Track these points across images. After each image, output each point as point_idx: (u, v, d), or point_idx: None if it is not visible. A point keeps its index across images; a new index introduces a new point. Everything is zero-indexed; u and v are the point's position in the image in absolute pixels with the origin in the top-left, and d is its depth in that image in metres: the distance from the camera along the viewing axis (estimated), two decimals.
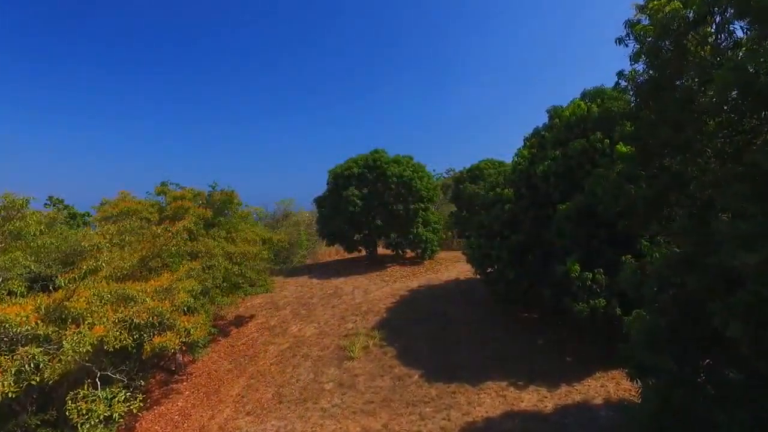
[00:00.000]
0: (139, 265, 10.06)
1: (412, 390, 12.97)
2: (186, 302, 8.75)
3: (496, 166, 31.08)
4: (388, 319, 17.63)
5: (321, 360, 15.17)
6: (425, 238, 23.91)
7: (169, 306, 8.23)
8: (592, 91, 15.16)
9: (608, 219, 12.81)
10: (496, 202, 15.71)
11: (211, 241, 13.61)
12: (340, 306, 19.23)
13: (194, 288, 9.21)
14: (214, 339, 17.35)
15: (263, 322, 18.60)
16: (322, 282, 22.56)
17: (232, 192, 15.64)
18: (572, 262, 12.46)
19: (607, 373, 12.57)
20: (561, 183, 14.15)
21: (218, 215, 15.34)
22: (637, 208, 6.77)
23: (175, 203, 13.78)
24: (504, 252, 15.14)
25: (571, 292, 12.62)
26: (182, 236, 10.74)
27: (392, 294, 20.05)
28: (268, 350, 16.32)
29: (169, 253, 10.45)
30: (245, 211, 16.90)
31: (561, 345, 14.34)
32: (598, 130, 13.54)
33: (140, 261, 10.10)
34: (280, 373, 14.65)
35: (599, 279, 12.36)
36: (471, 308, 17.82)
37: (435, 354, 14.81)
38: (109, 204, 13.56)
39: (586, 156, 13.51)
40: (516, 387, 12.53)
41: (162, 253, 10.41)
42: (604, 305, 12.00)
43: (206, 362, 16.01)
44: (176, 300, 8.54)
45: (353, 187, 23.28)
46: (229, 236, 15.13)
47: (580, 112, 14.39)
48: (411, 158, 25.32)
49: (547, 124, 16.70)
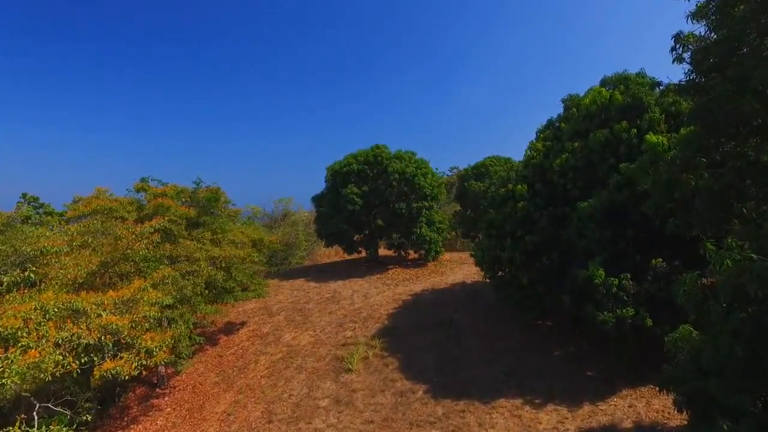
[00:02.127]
0: (101, 272, 8.78)
1: (416, 408, 11.66)
2: (149, 316, 7.44)
3: (502, 163, 29.78)
4: (389, 326, 16.30)
5: (316, 372, 13.86)
6: (429, 238, 22.56)
7: (128, 321, 6.95)
8: (614, 77, 13.81)
9: (637, 218, 11.53)
10: (508, 199, 14.35)
11: (192, 244, 12.31)
12: (338, 312, 17.91)
13: (159, 300, 7.87)
14: (201, 348, 16.08)
15: (255, 330, 17.29)
16: (320, 285, 21.25)
17: (218, 189, 14.33)
18: (595, 267, 11.10)
19: (635, 391, 11.21)
20: (580, 178, 12.81)
21: (203, 214, 14.05)
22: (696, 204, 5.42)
23: (155, 201, 12.50)
24: (516, 254, 13.78)
25: (594, 300, 11.27)
26: (152, 238, 9.42)
27: (394, 299, 18.73)
28: (259, 361, 15.01)
29: (137, 257, 9.13)
30: (234, 209, 15.59)
31: (581, 358, 12.98)
32: (623, 119, 12.18)
33: (102, 267, 8.81)
34: (271, 388, 13.35)
35: (626, 285, 11.00)
36: (480, 315, 16.47)
37: (441, 366, 13.48)
38: (82, 201, 12.30)
39: (610, 148, 12.16)
40: (532, 406, 11.19)
41: (127, 257, 9.11)
42: (632, 315, 10.65)
43: (191, 374, 14.72)
44: (137, 314, 7.25)
45: (353, 185, 21.96)
46: (215, 238, 13.83)
47: (601, 99, 13.02)
48: (414, 154, 23.99)
49: (563, 114, 15.35)
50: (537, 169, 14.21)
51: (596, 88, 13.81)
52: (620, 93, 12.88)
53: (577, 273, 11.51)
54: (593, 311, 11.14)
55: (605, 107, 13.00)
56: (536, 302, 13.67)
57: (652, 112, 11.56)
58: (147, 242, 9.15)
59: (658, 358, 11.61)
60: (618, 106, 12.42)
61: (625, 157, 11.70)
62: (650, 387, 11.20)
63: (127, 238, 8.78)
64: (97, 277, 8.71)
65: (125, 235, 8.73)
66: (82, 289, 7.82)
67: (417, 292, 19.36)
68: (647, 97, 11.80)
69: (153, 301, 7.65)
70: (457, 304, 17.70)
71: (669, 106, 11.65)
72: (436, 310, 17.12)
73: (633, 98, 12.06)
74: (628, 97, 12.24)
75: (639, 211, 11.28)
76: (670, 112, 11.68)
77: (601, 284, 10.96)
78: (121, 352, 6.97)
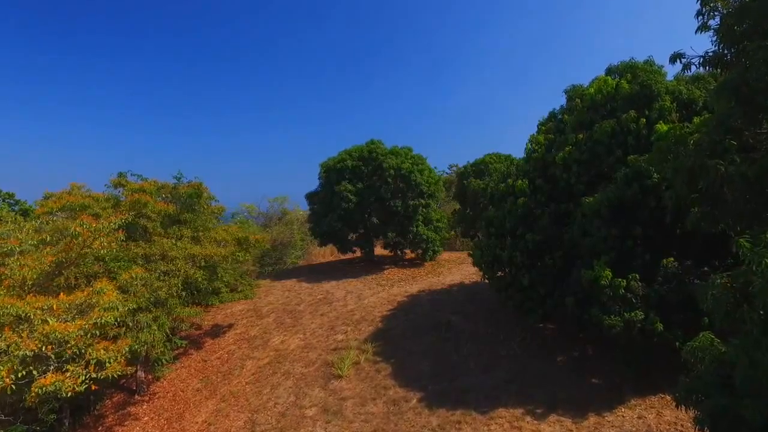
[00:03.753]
0: (56, 273, 7.99)
1: (409, 418, 10.88)
2: (102, 323, 6.63)
3: (502, 160, 28.94)
4: (383, 329, 15.52)
5: (304, 379, 13.07)
6: (426, 237, 21.76)
7: (76, 329, 6.17)
8: (621, 66, 12.98)
9: (646, 214, 10.73)
10: (507, 195, 13.55)
11: (168, 242, 11.52)
12: (330, 314, 17.12)
13: (115, 304, 7.01)
14: (185, 352, 15.31)
15: (242, 332, 16.51)
16: (312, 286, 20.46)
17: (200, 184, 13.52)
18: (601, 267, 10.31)
19: (645, 400, 10.41)
20: (585, 172, 12.01)
21: (185, 211, 13.26)
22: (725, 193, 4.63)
23: (131, 197, 11.73)
24: (517, 253, 12.98)
25: (600, 302, 10.48)
26: (115, 236, 8.62)
27: (389, 300, 17.94)
28: (245, 366, 14.23)
29: (106, 256, 8.31)
30: (217, 206, 14.81)
31: (586, 363, 12.19)
32: (631, 108, 11.38)
33: (56, 267, 8.03)
34: (256, 395, 12.57)
35: (634, 287, 10.21)
36: (478, 317, 15.67)
37: (437, 373, 12.70)
38: (53, 198, 11.53)
39: (616, 140, 11.36)
40: (534, 416, 10.41)
41: (85, 256, 8.31)
42: (641, 319, 9.85)
43: (173, 380, 13.94)
44: (89, 320, 6.46)
45: (347, 182, 21.16)
46: (196, 236, 13.04)
47: (607, 89, 12.22)
48: (410, 149, 23.18)
49: (566, 106, 14.54)
50: (538, 163, 13.41)
51: (601, 77, 13.01)
52: (627, 81, 12.08)
53: (581, 274, 10.72)
54: (599, 314, 10.36)
55: (611, 97, 12.21)
56: (538, 304, 12.86)
57: (663, 100, 10.77)
58: (108, 240, 8.37)
59: (669, 365, 10.82)
60: (625, 95, 11.62)
61: (634, 148, 10.91)
62: (661, 396, 10.42)
63: (83, 236, 7.98)
64: (52, 278, 7.93)
65: (81, 232, 7.93)
66: (36, 292, 7.04)
67: (413, 293, 18.57)
68: (657, 85, 11.00)
69: (107, 305, 6.82)
70: (454, 305, 16.90)
71: (681, 93, 10.85)
72: (433, 313, 16.33)
73: (641, 86, 11.26)
74: (635, 86, 11.44)
75: (649, 206, 10.52)
76: (682, 100, 10.88)
77: (608, 286, 10.18)
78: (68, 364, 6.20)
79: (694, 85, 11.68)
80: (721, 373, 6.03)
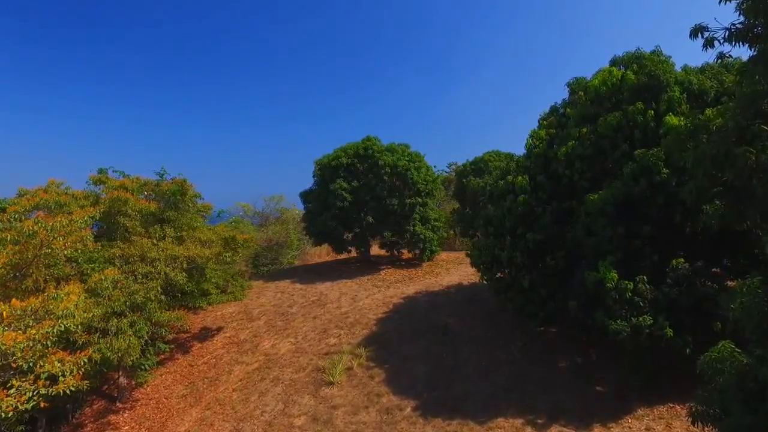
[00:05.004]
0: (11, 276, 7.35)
1: (402, 428, 10.29)
2: (53, 333, 6.00)
3: (502, 158, 28.35)
4: (378, 332, 14.90)
5: (294, 385, 12.46)
6: (424, 237, 21.13)
7: (26, 339, 5.55)
8: (626, 57, 12.36)
9: (654, 212, 10.11)
10: (507, 193, 12.92)
11: (147, 242, 10.89)
12: (323, 316, 16.50)
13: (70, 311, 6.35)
14: (171, 356, 14.69)
15: (231, 336, 15.89)
16: (306, 287, 19.83)
17: (184, 181, 12.86)
18: (607, 269, 9.68)
19: (653, 410, 9.79)
20: (589, 168, 11.39)
21: (168, 209, 12.62)
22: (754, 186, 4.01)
23: (111, 194, 11.10)
24: (517, 254, 12.36)
25: (605, 306, 9.86)
26: (80, 234, 7.98)
27: (384, 302, 17.32)
28: (232, 371, 13.61)
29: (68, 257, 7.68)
30: (203, 204, 14.17)
31: (590, 370, 11.57)
32: (638, 100, 10.76)
33: (11, 270, 7.39)
34: (243, 403, 11.96)
35: (642, 290, 9.59)
36: (477, 320, 15.06)
37: (433, 379, 12.09)
38: (28, 195, 10.92)
39: (622, 133, 10.73)
40: (535, 426, 9.81)
41: (47, 257, 7.68)
42: (649, 324, 9.23)
43: (157, 386, 13.32)
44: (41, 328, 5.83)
45: (342, 180, 20.52)
46: (180, 235, 12.40)
47: (612, 80, 11.59)
48: (407, 146, 22.54)
49: (568, 99, 13.91)
50: (539, 159, 12.78)
51: (606, 68, 12.38)
52: (633, 72, 11.45)
53: (585, 276, 10.10)
54: (604, 319, 9.73)
55: (617, 88, 11.59)
56: (539, 307, 12.24)
57: (672, 91, 10.14)
58: (73, 239, 7.73)
59: (679, 371, 10.22)
60: (632, 86, 11.00)
61: (641, 142, 10.29)
62: (670, 406, 9.80)
63: (40, 235, 7.33)
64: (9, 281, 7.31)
65: (37, 231, 7.27)
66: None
67: (410, 294, 17.95)
68: (665, 75, 10.37)
69: (63, 312, 6.16)
70: (452, 307, 16.28)
71: (691, 84, 10.22)
72: (430, 315, 15.71)
73: (649, 77, 10.64)
74: (642, 76, 10.81)
75: (657, 203, 9.90)
76: (693, 91, 10.26)
77: (614, 288, 9.55)
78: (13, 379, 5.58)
79: (704, 75, 11.08)
80: (744, 388, 5.43)
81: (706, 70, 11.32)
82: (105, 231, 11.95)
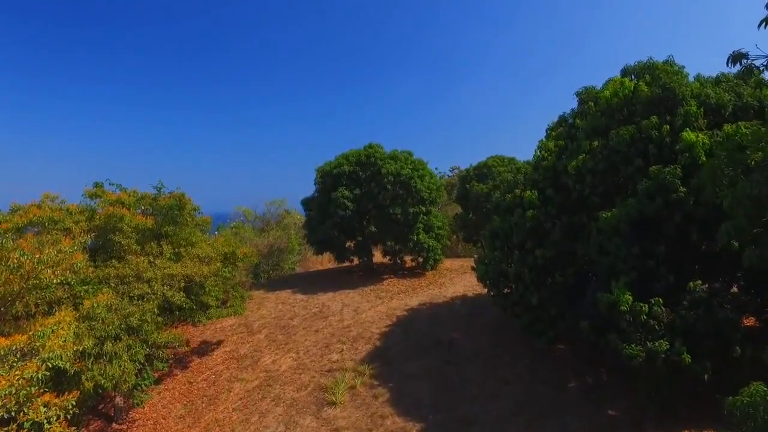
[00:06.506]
0: None
1: None
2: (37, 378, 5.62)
3: (505, 163, 27.97)
4: (381, 348, 14.54)
5: (295, 405, 12.11)
6: (427, 246, 20.75)
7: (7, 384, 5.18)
8: (638, 66, 11.97)
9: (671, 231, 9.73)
10: (515, 206, 12.54)
11: (143, 260, 10.53)
12: (325, 330, 16.15)
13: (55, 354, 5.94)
14: (169, 372, 14.35)
15: (231, 351, 15.55)
16: (307, 298, 19.47)
17: (182, 195, 12.48)
18: (621, 291, 9.30)
19: None
20: (600, 183, 11.00)
21: (166, 224, 12.26)
22: None
23: (106, 210, 10.75)
24: (525, 269, 11.99)
25: (619, 329, 9.49)
26: (70, 261, 7.59)
27: (387, 314, 16.95)
28: (232, 389, 13.27)
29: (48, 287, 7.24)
30: (202, 218, 13.79)
31: (601, 392, 11.20)
32: (652, 113, 10.36)
33: None
34: (243, 424, 11.61)
35: (658, 313, 9.20)
36: (483, 335, 14.69)
37: (438, 400, 11.72)
38: (20, 211, 10.57)
39: (636, 148, 10.34)
40: None
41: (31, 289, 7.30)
42: (666, 349, 8.84)
43: (155, 405, 12.98)
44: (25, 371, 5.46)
45: (343, 188, 20.14)
46: (177, 251, 12.03)
47: (624, 92, 11.20)
48: (410, 154, 22.15)
49: (577, 109, 13.52)
50: (548, 172, 12.41)
51: (617, 78, 11.99)
52: (646, 84, 11.06)
53: (598, 297, 9.72)
54: (618, 342, 9.36)
55: (628, 100, 11.19)
56: (548, 325, 11.88)
57: (688, 105, 9.74)
58: (62, 268, 7.38)
59: (696, 396, 9.85)
60: (645, 98, 10.60)
61: (656, 158, 9.90)
62: None
63: (26, 267, 6.95)
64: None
65: (23, 263, 6.88)
66: None
67: (413, 306, 17.58)
68: (681, 88, 9.98)
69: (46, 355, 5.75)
70: (457, 321, 15.92)
71: (708, 98, 9.83)
72: (434, 329, 15.34)
73: (663, 89, 10.24)
74: (657, 89, 10.41)
75: (674, 222, 9.51)
76: (710, 105, 9.86)
77: (628, 311, 9.18)
78: None
79: (720, 87, 10.68)
80: None
81: (722, 81, 10.93)
82: (101, 246, 11.60)
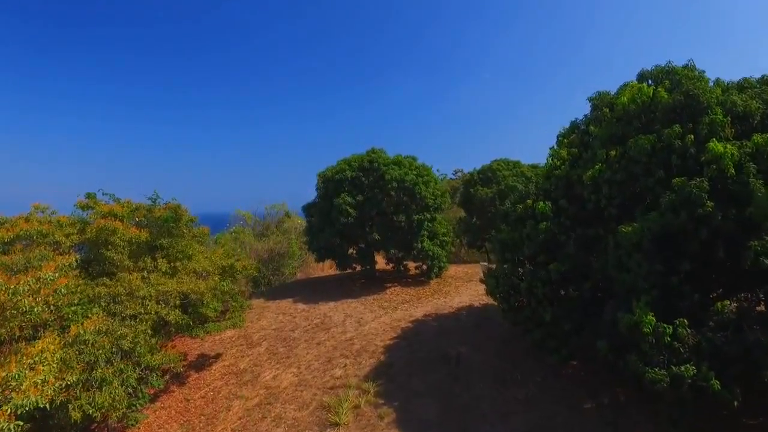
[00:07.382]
0: None
1: None
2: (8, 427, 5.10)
3: (510, 167, 27.51)
4: (385, 362, 14.00)
5: (296, 426, 11.57)
6: (432, 253, 20.21)
7: None
8: (656, 71, 11.43)
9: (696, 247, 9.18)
10: (527, 218, 12.00)
11: (135, 277, 10.00)
12: (328, 342, 15.61)
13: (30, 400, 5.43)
14: (166, 389, 13.81)
15: (230, 365, 15.01)
16: (308, 308, 18.93)
17: (178, 206, 11.95)
18: (643, 311, 8.75)
19: None
20: (618, 194, 10.45)
21: (161, 237, 11.73)
22: None
23: (98, 222, 10.23)
24: (538, 283, 11.46)
25: (641, 351, 8.94)
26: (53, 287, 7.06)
27: (392, 326, 16.42)
28: (231, 408, 12.72)
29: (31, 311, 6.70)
30: (199, 229, 13.24)
31: (619, 414, 10.65)
32: (673, 121, 9.82)
33: None
34: None
35: (683, 334, 8.65)
36: (491, 349, 14.14)
37: (446, 419, 11.19)
38: (6, 225, 10.03)
39: (657, 158, 9.79)
40: None
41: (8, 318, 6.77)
42: (692, 374, 8.29)
43: (150, 424, 12.44)
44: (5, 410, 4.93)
45: (346, 194, 19.60)
46: (173, 265, 11.51)
47: (642, 98, 10.65)
48: (414, 159, 21.61)
49: (590, 115, 12.97)
50: (561, 181, 11.87)
51: (634, 83, 11.45)
52: (665, 90, 10.51)
53: (618, 317, 9.17)
54: (639, 365, 8.81)
55: (647, 107, 10.65)
56: (562, 343, 11.34)
57: (714, 113, 9.19)
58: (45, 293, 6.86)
59: (723, 421, 9.32)
60: (666, 105, 10.06)
61: (679, 169, 9.35)
62: None
63: (2, 297, 6.41)
64: None
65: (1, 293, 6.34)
66: None
67: (418, 317, 17.04)
68: (706, 95, 9.42)
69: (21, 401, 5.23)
70: (463, 334, 15.37)
71: (735, 105, 9.28)
72: (440, 343, 14.80)
73: (686, 96, 9.68)
74: (679, 95, 9.86)
75: (699, 238, 8.95)
76: (737, 113, 9.31)
77: (651, 333, 8.63)
78: None
79: (745, 93, 10.13)
80: None
81: (747, 87, 10.38)
82: (92, 259, 11.08)
